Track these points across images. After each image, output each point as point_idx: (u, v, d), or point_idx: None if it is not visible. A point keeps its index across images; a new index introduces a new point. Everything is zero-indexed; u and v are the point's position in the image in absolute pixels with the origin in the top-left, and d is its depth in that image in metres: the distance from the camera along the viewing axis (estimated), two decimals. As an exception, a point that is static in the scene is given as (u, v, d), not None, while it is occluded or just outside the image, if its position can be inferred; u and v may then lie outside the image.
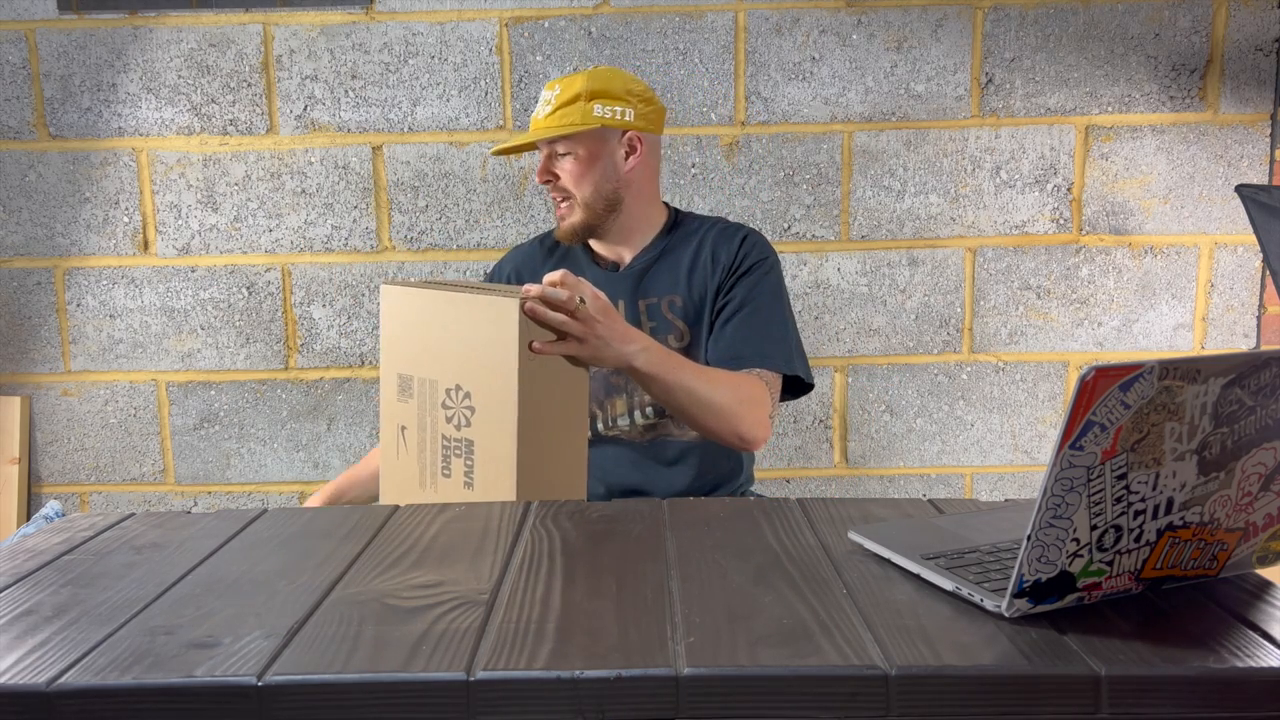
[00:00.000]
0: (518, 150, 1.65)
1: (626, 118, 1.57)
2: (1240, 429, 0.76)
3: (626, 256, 1.64)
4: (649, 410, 1.59)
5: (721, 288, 1.58)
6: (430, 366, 1.33)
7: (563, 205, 1.59)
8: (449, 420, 1.30)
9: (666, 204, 1.69)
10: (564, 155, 1.58)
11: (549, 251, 1.70)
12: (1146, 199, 2.29)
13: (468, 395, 1.28)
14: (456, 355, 1.30)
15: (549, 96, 1.58)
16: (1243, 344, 2.32)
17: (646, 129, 1.60)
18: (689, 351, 1.58)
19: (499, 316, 1.25)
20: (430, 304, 1.33)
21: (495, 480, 1.26)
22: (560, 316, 1.24)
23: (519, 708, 0.69)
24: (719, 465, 1.64)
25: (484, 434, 1.27)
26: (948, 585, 0.82)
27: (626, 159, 1.59)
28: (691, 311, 1.59)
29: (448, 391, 1.30)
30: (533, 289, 1.24)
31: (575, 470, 1.33)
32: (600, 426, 1.61)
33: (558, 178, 1.58)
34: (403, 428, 1.36)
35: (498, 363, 1.24)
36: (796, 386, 1.60)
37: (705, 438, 1.53)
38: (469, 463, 1.29)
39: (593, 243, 1.66)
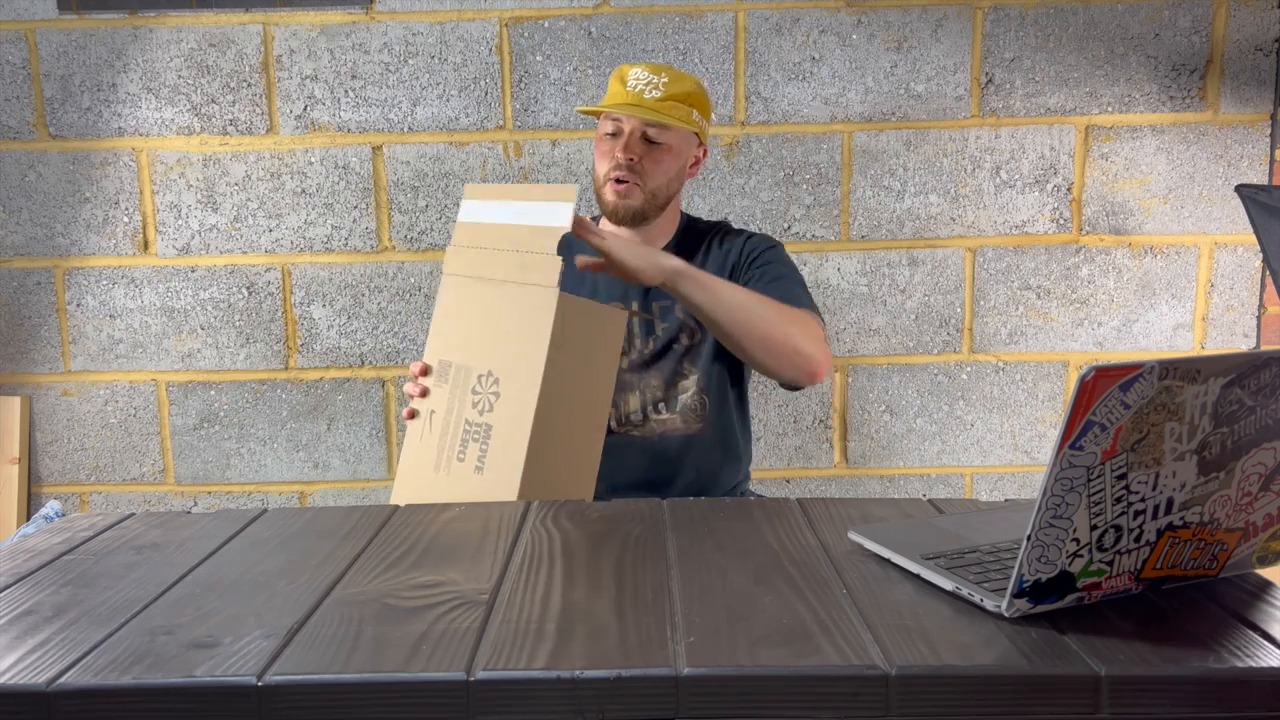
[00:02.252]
0: (601, 112, 1.63)
1: (706, 133, 1.66)
2: (1240, 429, 0.76)
3: None
4: (660, 406, 1.61)
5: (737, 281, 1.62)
6: (468, 352, 1.36)
7: (624, 185, 1.59)
8: (474, 405, 1.33)
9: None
10: (657, 144, 1.60)
11: (564, 250, 1.71)
12: (1146, 199, 2.28)
13: (496, 380, 1.31)
14: (493, 341, 1.33)
15: (655, 80, 1.59)
16: (1243, 344, 2.32)
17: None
18: (697, 349, 1.62)
19: (537, 305, 1.27)
20: (480, 293, 1.36)
21: (504, 467, 1.27)
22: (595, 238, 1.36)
23: (519, 708, 0.69)
24: (718, 459, 1.65)
25: (503, 420, 1.29)
26: (948, 585, 0.82)
27: (690, 168, 1.67)
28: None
29: (479, 377, 1.33)
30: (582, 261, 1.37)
31: (585, 473, 1.34)
32: (612, 423, 1.62)
33: (640, 158, 1.59)
34: (432, 412, 1.39)
35: (528, 351, 1.27)
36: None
37: (753, 366, 1.53)
38: (484, 447, 1.30)
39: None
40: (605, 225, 1.69)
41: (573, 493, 1.30)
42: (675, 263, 1.41)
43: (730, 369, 1.65)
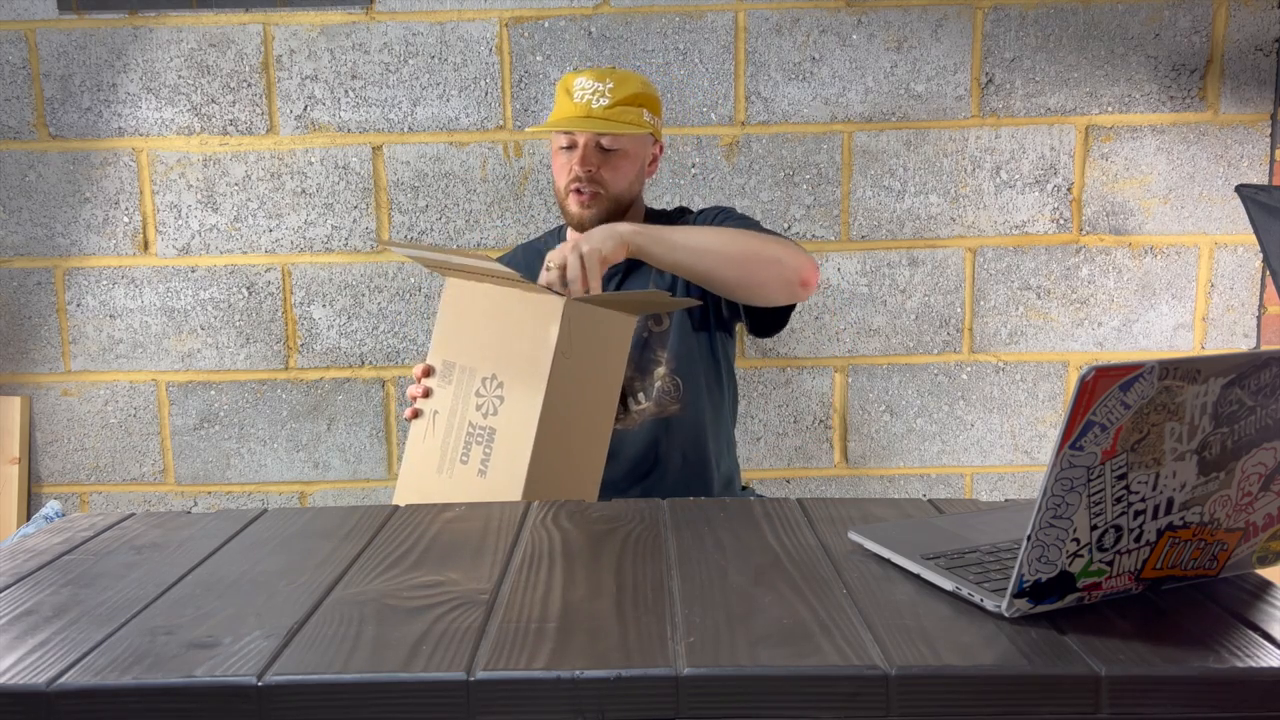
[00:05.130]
0: (554, 129, 1.64)
1: (659, 129, 1.67)
2: (1240, 429, 0.76)
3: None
4: (640, 396, 1.63)
5: None
6: (473, 354, 1.36)
7: (587, 195, 1.61)
8: (479, 408, 1.33)
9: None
10: (612, 151, 1.61)
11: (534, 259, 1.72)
12: (1146, 199, 2.28)
13: (501, 384, 1.31)
14: (498, 345, 1.33)
15: (601, 88, 1.59)
16: (1243, 344, 2.32)
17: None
18: (665, 333, 1.64)
19: (544, 312, 1.28)
20: (485, 296, 1.36)
21: (507, 471, 1.27)
22: (565, 271, 1.36)
23: (519, 708, 0.69)
24: (704, 440, 1.67)
25: (507, 424, 1.29)
26: (948, 585, 0.82)
27: (648, 166, 1.69)
28: (665, 287, 1.65)
29: (483, 380, 1.34)
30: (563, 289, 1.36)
31: (589, 476, 1.34)
32: None
33: (598, 168, 1.60)
34: (435, 412, 1.39)
35: (534, 357, 1.27)
36: (772, 322, 1.63)
37: (745, 298, 1.53)
38: (487, 450, 1.31)
39: None
40: (570, 234, 1.70)
41: (577, 496, 1.30)
42: (626, 229, 1.43)
43: (701, 346, 1.66)
